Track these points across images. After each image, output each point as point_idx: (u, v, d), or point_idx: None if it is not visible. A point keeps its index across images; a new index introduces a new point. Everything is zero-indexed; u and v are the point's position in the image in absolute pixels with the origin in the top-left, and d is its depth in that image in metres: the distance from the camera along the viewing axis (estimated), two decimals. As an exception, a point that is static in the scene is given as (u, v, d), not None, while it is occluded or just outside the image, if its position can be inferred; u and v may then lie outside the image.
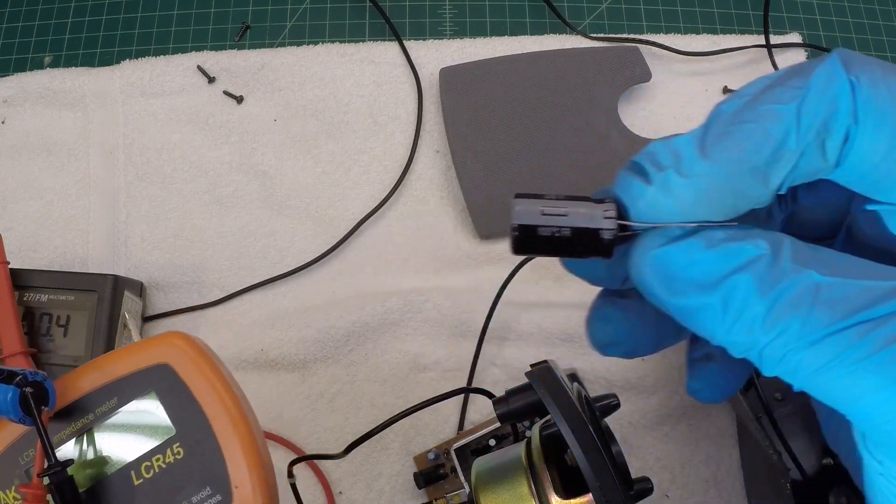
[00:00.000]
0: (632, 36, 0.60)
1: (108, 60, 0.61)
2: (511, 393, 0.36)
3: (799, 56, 0.60)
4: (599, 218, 0.22)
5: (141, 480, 0.30)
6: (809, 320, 0.20)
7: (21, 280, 0.48)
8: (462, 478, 0.47)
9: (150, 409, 0.30)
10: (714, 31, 0.62)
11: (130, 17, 0.62)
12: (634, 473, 0.34)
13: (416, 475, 0.48)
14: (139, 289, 0.53)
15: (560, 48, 0.58)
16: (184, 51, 0.60)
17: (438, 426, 0.51)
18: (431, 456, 0.49)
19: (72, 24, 0.62)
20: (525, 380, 0.35)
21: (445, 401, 0.41)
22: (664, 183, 0.21)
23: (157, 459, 0.30)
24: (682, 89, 0.59)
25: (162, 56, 0.60)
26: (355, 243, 0.55)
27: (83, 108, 0.58)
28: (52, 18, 0.63)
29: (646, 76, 0.57)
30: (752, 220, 0.24)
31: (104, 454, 0.30)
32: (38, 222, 0.56)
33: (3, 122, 0.58)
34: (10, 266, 0.47)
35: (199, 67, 0.59)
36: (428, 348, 0.52)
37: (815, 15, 0.63)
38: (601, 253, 0.23)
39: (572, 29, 0.61)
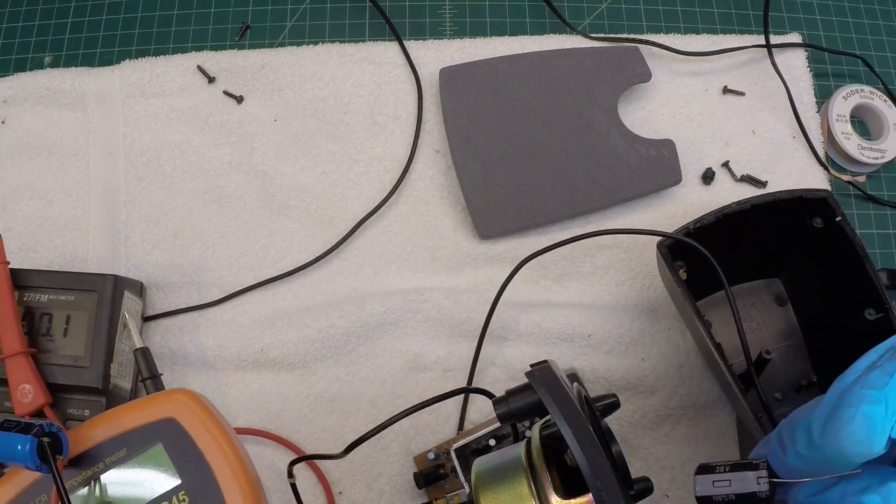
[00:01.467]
0: (632, 36, 0.60)
1: (108, 60, 0.61)
2: (511, 393, 0.36)
3: (799, 56, 0.60)
4: (754, 483, 0.32)
5: None
6: None
7: (21, 280, 0.48)
8: (462, 478, 0.47)
9: (157, 460, 0.32)
10: (714, 31, 0.62)
11: (130, 17, 0.62)
12: (634, 473, 0.34)
13: (416, 475, 0.48)
14: (139, 289, 0.53)
15: (560, 48, 0.58)
16: (184, 51, 0.60)
17: (438, 426, 0.51)
18: (431, 456, 0.49)
19: (72, 24, 0.62)
20: (525, 380, 0.35)
21: (445, 401, 0.41)
22: (795, 455, 0.31)
23: None
24: (681, 89, 0.59)
25: (162, 56, 0.60)
26: (355, 243, 0.55)
27: (83, 108, 0.58)
28: (52, 18, 0.63)
29: (646, 76, 0.57)
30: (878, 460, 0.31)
31: (113, 501, 0.32)
32: (38, 222, 0.56)
33: (3, 122, 0.58)
34: (10, 266, 0.47)
35: (199, 67, 0.59)
36: (428, 348, 0.52)
37: (815, 15, 0.63)
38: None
39: (572, 29, 0.61)
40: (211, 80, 0.59)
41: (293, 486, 0.39)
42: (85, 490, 0.32)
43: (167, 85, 0.59)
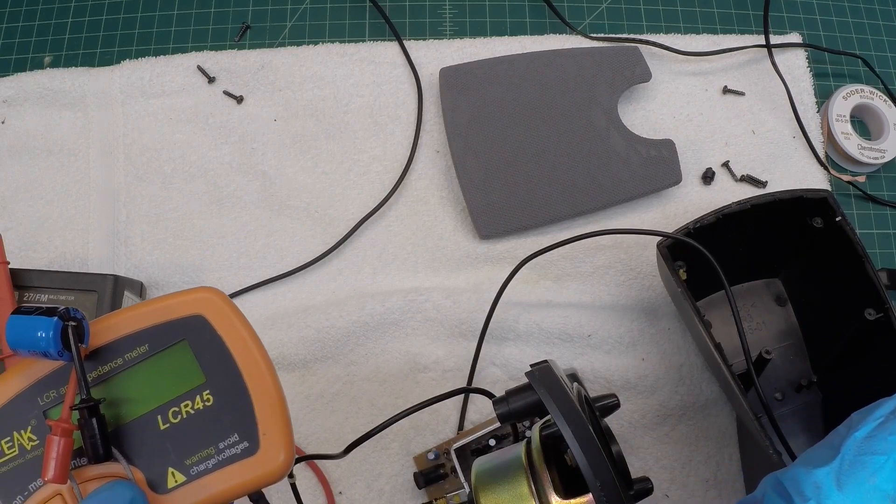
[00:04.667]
0: (632, 36, 0.60)
1: (108, 60, 0.61)
2: (511, 393, 0.36)
3: (799, 56, 0.60)
4: None
5: (168, 425, 0.30)
6: None
7: (21, 280, 0.48)
8: (462, 478, 0.47)
9: (180, 357, 0.31)
10: (714, 31, 0.62)
11: (130, 17, 0.62)
12: (634, 473, 0.34)
13: (416, 475, 0.48)
14: (139, 289, 0.53)
15: (560, 48, 0.58)
16: (184, 51, 0.60)
17: (438, 426, 0.51)
18: (431, 456, 0.49)
19: (72, 24, 0.62)
20: (525, 380, 0.35)
21: (445, 401, 0.41)
22: None
23: (186, 405, 0.30)
24: (681, 89, 0.59)
25: (162, 56, 0.60)
26: (355, 243, 0.55)
27: (83, 108, 0.58)
28: (52, 18, 0.63)
29: (646, 76, 0.57)
30: None
31: (131, 397, 0.30)
32: (38, 222, 0.56)
33: (3, 122, 0.58)
34: (10, 266, 0.47)
35: (199, 67, 0.59)
36: (428, 348, 0.52)
37: (815, 15, 0.63)
38: None
39: (572, 29, 0.61)
40: (211, 80, 0.59)
41: (293, 486, 0.39)
42: (102, 386, 0.31)
43: (167, 85, 0.59)
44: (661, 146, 0.56)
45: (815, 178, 0.57)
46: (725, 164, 0.57)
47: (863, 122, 0.60)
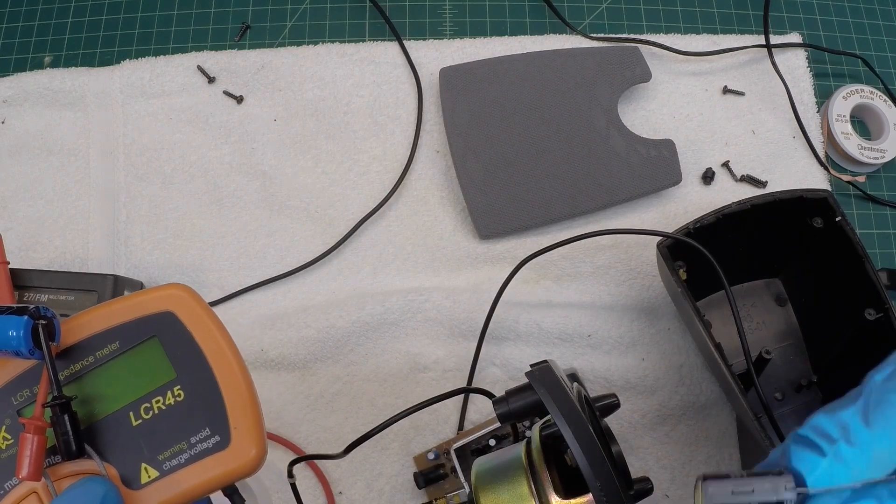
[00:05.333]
0: (632, 36, 0.60)
1: (108, 60, 0.61)
2: (511, 393, 0.36)
3: (799, 56, 0.60)
4: (781, 491, 0.27)
5: (140, 421, 0.30)
6: None
7: (21, 280, 0.48)
8: (462, 478, 0.47)
9: (151, 354, 0.31)
10: (714, 31, 0.62)
11: (130, 17, 0.62)
12: (634, 473, 0.34)
13: (416, 475, 0.48)
14: (139, 289, 0.53)
15: (560, 48, 0.58)
16: (184, 51, 0.60)
17: (438, 426, 0.51)
18: (431, 456, 0.49)
19: (72, 24, 0.62)
20: (525, 380, 0.35)
21: (445, 401, 0.41)
22: (837, 454, 0.26)
23: (157, 401, 0.31)
24: (681, 89, 0.59)
25: (162, 56, 0.60)
26: (355, 243, 0.55)
27: (83, 109, 0.58)
28: (52, 18, 0.63)
29: (646, 76, 0.57)
30: None
31: (103, 394, 0.31)
32: (38, 222, 0.56)
33: (3, 122, 0.58)
34: (10, 266, 0.47)
35: (199, 67, 0.59)
36: (428, 348, 0.52)
37: (815, 15, 0.63)
38: None
39: (572, 29, 0.61)
40: (211, 80, 0.59)
41: (293, 486, 0.39)
42: (74, 383, 0.31)
43: (167, 85, 0.59)
44: (661, 146, 0.56)
45: (815, 178, 0.57)
46: (725, 164, 0.57)
47: (863, 122, 0.60)
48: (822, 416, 0.27)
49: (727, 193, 0.57)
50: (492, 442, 0.48)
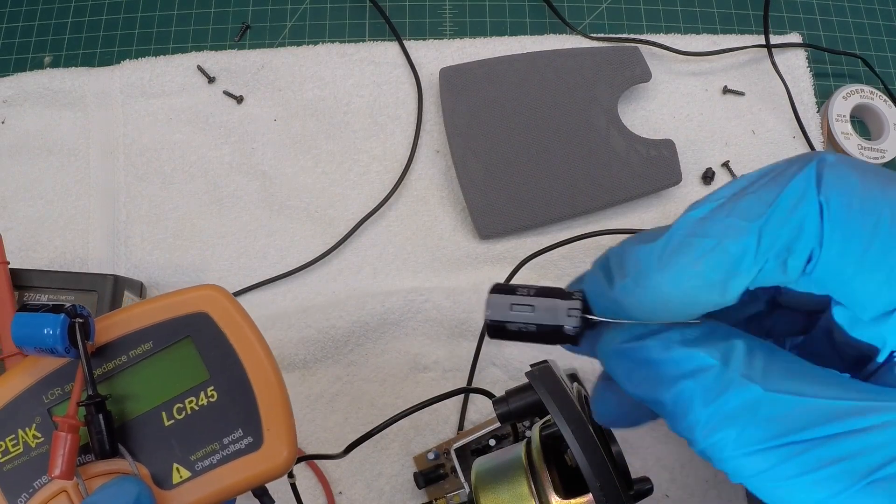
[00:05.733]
0: (632, 36, 0.60)
1: (108, 60, 0.61)
2: (511, 393, 0.36)
3: (799, 56, 0.60)
4: (563, 315, 0.24)
5: (172, 421, 0.30)
6: (744, 434, 0.21)
7: (21, 280, 0.48)
8: (462, 478, 0.47)
9: (184, 354, 0.31)
10: (714, 31, 0.62)
11: (130, 17, 0.62)
12: (634, 473, 0.34)
13: (416, 475, 0.48)
14: (139, 289, 0.53)
15: (560, 48, 0.58)
16: (184, 51, 0.60)
17: (438, 426, 0.51)
18: (431, 456, 0.49)
19: (72, 24, 0.62)
20: (525, 380, 0.35)
21: (445, 401, 0.41)
22: (623, 289, 0.23)
23: (190, 402, 0.31)
24: (681, 89, 0.59)
25: (162, 56, 0.60)
26: (355, 243, 0.55)
27: (83, 108, 0.58)
28: (52, 18, 0.63)
29: (646, 76, 0.57)
30: (721, 315, 0.26)
31: (135, 394, 0.31)
32: (38, 222, 0.56)
33: (3, 122, 0.58)
34: (10, 266, 0.47)
35: (199, 67, 0.59)
36: (428, 348, 0.52)
37: (815, 15, 0.63)
38: (568, 342, 0.24)
39: (572, 29, 0.61)
40: (211, 80, 0.59)
41: (293, 486, 0.39)
42: (106, 382, 0.31)
43: (167, 85, 0.59)
44: (661, 146, 0.56)
45: (815, 178, 0.57)
46: (725, 164, 0.57)
47: (863, 122, 0.60)
48: (625, 245, 0.24)
49: (727, 193, 0.56)
50: (492, 442, 0.48)
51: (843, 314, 0.23)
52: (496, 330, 0.25)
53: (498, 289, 0.25)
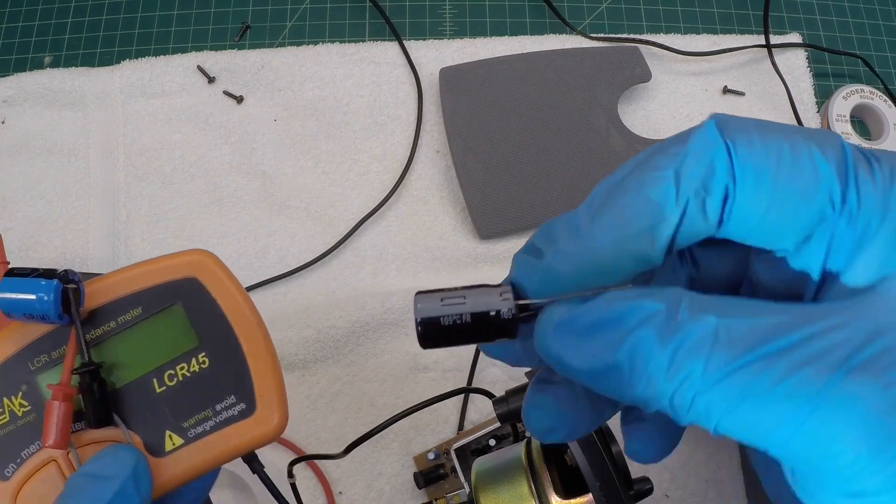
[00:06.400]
0: (632, 36, 0.60)
1: (108, 60, 0.61)
2: (511, 393, 0.36)
3: (799, 56, 0.60)
4: (497, 301, 0.23)
5: (163, 388, 0.30)
6: (711, 361, 0.20)
7: (21, 280, 0.48)
8: (462, 478, 0.47)
9: (174, 320, 0.31)
10: (714, 31, 0.62)
11: (130, 17, 0.62)
12: (634, 473, 0.34)
13: (416, 475, 0.48)
14: (139, 289, 0.52)
15: (560, 48, 0.58)
16: (184, 51, 0.60)
17: (438, 426, 0.51)
18: (431, 456, 0.49)
19: (72, 24, 0.62)
20: (525, 380, 0.35)
21: (445, 401, 0.41)
22: (555, 257, 0.22)
23: (181, 368, 0.30)
24: (681, 89, 0.59)
25: (162, 56, 0.60)
26: (355, 243, 0.55)
27: (83, 109, 0.58)
28: (52, 18, 0.63)
29: (646, 76, 0.57)
30: (654, 281, 0.26)
31: (125, 361, 0.30)
32: (38, 222, 0.56)
33: (3, 122, 0.58)
34: (9, 266, 0.47)
35: (199, 67, 0.59)
36: (428, 348, 0.52)
37: (815, 15, 0.63)
38: (506, 334, 0.23)
39: (572, 29, 0.61)
40: (211, 80, 0.59)
41: (293, 486, 0.39)
42: (95, 349, 0.30)
43: (167, 85, 0.59)
44: (661, 146, 0.56)
45: (815, 178, 0.57)
46: (725, 164, 0.57)
47: (863, 122, 0.60)
48: (549, 222, 0.23)
49: (727, 193, 0.56)
50: (492, 442, 0.48)
51: (764, 265, 0.24)
52: (429, 332, 0.23)
53: (423, 292, 0.24)
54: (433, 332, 0.23)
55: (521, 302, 0.23)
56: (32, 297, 0.28)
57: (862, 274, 0.22)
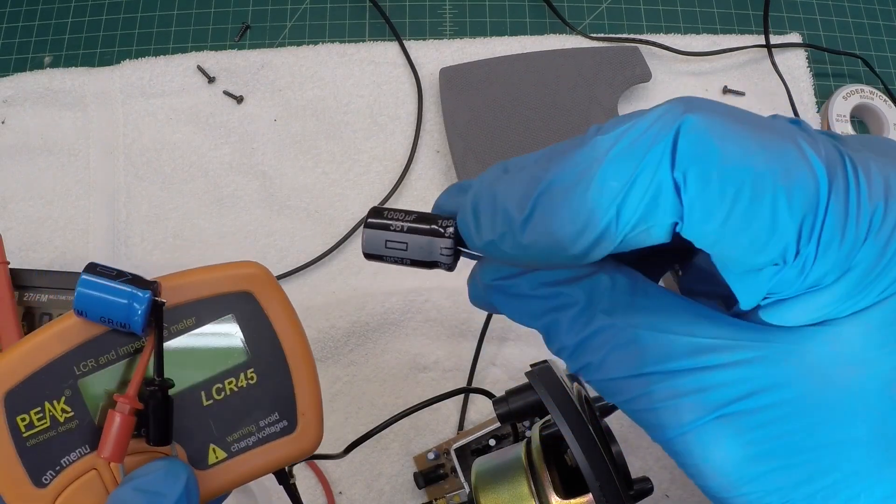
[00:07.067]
0: (632, 36, 0.60)
1: (108, 60, 0.61)
2: (511, 393, 0.36)
3: (799, 56, 0.60)
4: (437, 254, 0.25)
5: (211, 401, 0.30)
6: (606, 363, 0.22)
7: (21, 280, 0.48)
8: (462, 478, 0.47)
9: (227, 333, 0.30)
10: (714, 31, 0.62)
11: (130, 17, 0.62)
12: (634, 473, 0.34)
13: (416, 475, 0.48)
14: (139, 289, 0.52)
15: (560, 48, 0.58)
16: (184, 51, 0.60)
17: (438, 426, 0.51)
18: (431, 456, 0.49)
19: (72, 24, 0.62)
20: (525, 380, 0.35)
21: (445, 401, 0.41)
22: (490, 244, 0.23)
23: (230, 382, 0.30)
24: (682, 89, 0.59)
25: (162, 56, 0.60)
26: (355, 243, 0.55)
27: (83, 108, 0.58)
28: (52, 18, 0.63)
29: (646, 76, 0.57)
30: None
31: (174, 371, 0.30)
32: (38, 222, 0.56)
33: (3, 122, 0.58)
34: (10, 266, 0.47)
35: (199, 67, 0.59)
36: (428, 348, 0.52)
37: (815, 15, 0.63)
38: (444, 269, 0.26)
39: (572, 29, 0.61)
40: (211, 80, 0.59)
41: (293, 486, 0.39)
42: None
43: (167, 85, 0.59)
44: (661, 146, 0.56)
45: (815, 178, 0.57)
46: (725, 164, 0.57)
47: (863, 122, 0.60)
48: (503, 187, 0.23)
49: (727, 193, 0.56)
50: (492, 442, 0.48)
51: (710, 260, 0.24)
52: (373, 259, 0.26)
53: (374, 215, 0.26)
54: (376, 259, 0.26)
55: (461, 251, 0.25)
56: (123, 301, 0.27)
57: (802, 315, 0.21)
